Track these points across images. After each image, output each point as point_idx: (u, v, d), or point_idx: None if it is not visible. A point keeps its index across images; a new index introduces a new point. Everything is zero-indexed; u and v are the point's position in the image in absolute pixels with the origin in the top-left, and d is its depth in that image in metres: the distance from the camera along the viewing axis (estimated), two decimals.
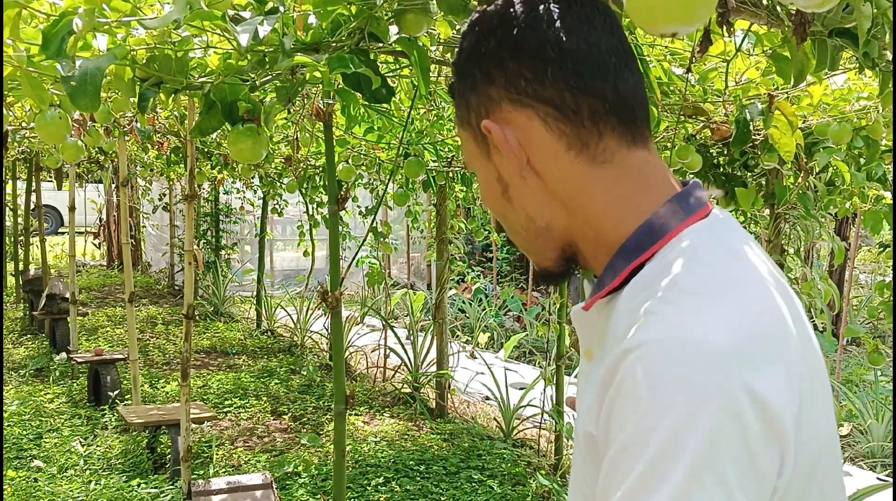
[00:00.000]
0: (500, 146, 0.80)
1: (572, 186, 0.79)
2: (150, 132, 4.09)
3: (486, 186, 0.85)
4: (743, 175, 3.16)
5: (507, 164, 0.81)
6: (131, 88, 1.48)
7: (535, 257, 0.86)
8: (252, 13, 1.37)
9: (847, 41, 1.39)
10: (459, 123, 0.86)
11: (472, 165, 0.86)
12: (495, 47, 0.79)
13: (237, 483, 3.22)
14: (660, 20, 0.56)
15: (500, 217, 0.86)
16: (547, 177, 0.80)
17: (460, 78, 0.84)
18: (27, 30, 1.42)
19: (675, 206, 0.76)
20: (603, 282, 0.78)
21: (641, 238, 0.75)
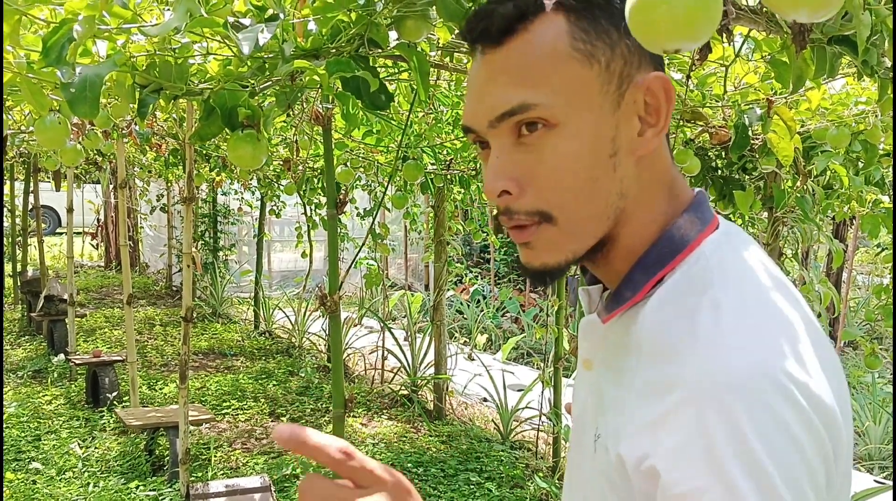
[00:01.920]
0: (655, 106, 0.71)
1: (646, 172, 0.73)
2: (148, 135, 4.09)
3: (590, 144, 0.69)
4: (741, 178, 3.17)
5: (631, 126, 0.71)
6: (131, 95, 1.48)
7: (575, 242, 0.72)
8: (252, 20, 1.38)
9: (846, 49, 1.39)
10: (579, 51, 0.69)
11: (575, 112, 0.69)
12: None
13: (235, 486, 3.22)
14: (663, 36, 0.56)
15: (583, 183, 0.70)
16: (651, 154, 0.73)
17: (606, 9, 0.70)
18: (27, 36, 1.42)
19: (693, 216, 0.73)
20: (622, 295, 0.73)
21: (663, 250, 0.71)
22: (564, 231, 0.71)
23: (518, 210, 0.71)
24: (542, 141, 0.69)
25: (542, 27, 0.70)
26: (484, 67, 0.72)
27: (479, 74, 0.73)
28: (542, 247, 0.72)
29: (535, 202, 0.70)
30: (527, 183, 0.70)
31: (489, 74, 0.71)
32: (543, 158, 0.70)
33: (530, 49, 0.69)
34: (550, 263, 0.73)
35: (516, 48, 0.70)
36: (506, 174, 0.71)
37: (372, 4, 1.43)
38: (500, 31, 0.70)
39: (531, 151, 0.70)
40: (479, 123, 0.72)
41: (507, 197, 0.71)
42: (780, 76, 1.74)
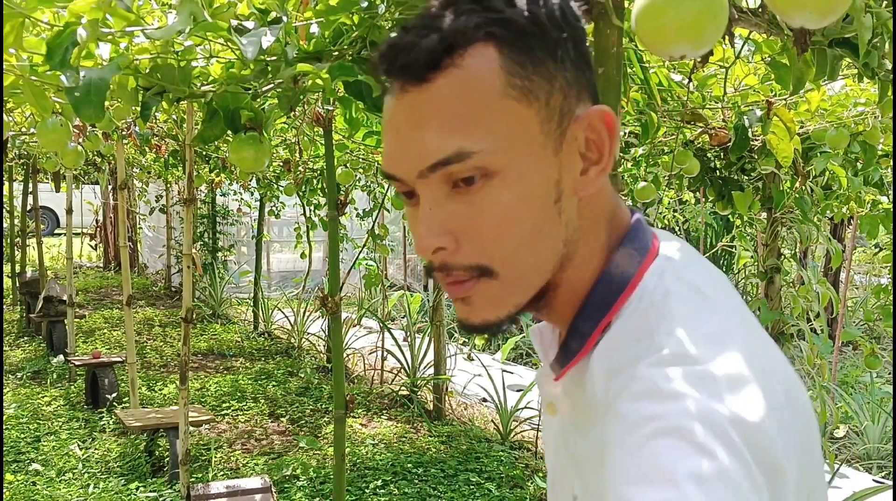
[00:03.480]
0: (597, 142, 0.66)
1: (588, 212, 0.69)
2: (148, 136, 4.09)
3: (533, 191, 0.63)
4: (740, 179, 3.18)
5: (573, 165, 0.65)
6: (134, 97, 1.49)
7: (517, 296, 0.67)
8: (255, 23, 1.38)
9: (847, 51, 1.40)
10: (515, 88, 0.62)
11: (516, 157, 0.62)
12: (582, 33, 0.67)
13: (236, 487, 3.22)
14: (670, 42, 0.56)
15: (527, 235, 0.64)
16: (592, 197, 0.68)
17: (542, 38, 0.63)
18: (29, 39, 1.42)
19: (631, 249, 0.68)
20: (570, 348, 0.69)
21: (604, 293, 0.67)
22: (506, 285, 0.65)
23: (455, 266, 0.65)
24: (480, 190, 0.62)
25: (472, 61, 0.61)
26: (408, 107, 0.63)
27: (402, 116, 0.63)
28: (481, 302, 0.66)
29: (474, 257, 0.64)
30: (464, 236, 0.64)
31: (416, 117, 0.62)
32: (483, 209, 0.63)
33: (461, 87, 0.61)
34: (490, 318, 0.67)
35: (445, 86, 0.61)
36: (441, 229, 0.63)
37: (374, 7, 1.43)
38: (425, 67, 0.61)
39: (468, 202, 0.63)
40: (406, 173, 0.64)
41: (442, 253, 0.64)
42: (781, 78, 1.75)
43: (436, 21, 0.62)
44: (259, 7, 1.41)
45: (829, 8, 0.60)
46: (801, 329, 3.07)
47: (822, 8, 0.60)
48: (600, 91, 1.37)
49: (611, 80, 1.37)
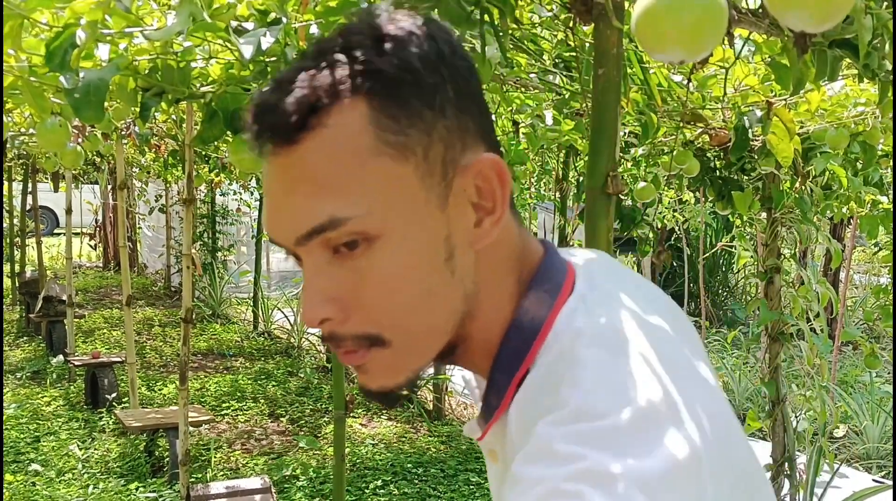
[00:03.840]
0: (488, 190, 0.62)
1: (489, 262, 0.65)
2: (147, 136, 4.09)
3: (420, 251, 0.60)
4: (740, 179, 3.18)
5: (465, 218, 0.61)
6: (133, 98, 1.49)
7: (414, 361, 0.63)
8: (255, 24, 1.38)
9: (847, 52, 1.40)
10: (389, 145, 0.58)
11: (396, 218, 0.59)
12: (467, 70, 0.62)
13: (236, 487, 3.22)
14: (668, 47, 0.56)
15: (418, 299, 0.60)
16: (493, 246, 0.64)
17: (416, 86, 0.59)
18: (29, 40, 1.42)
19: (540, 291, 0.64)
20: (490, 404, 0.65)
21: (516, 344, 0.63)
22: (400, 352, 0.62)
23: (344, 336, 0.61)
24: (363, 257, 0.59)
25: (341, 119, 0.57)
26: (279, 171, 0.59)
27: (274, 181, 0.60)
28: (376, 371, 0.63)
29: (362, 326, 0.60)
30: (351, 305, 0.60)
31: (287, 182, 0.59)
32: (367, 276, 0.59)
33: (330, 148, 0.57)
34: (388, 385, 0.64)
35: (313, 148, 0.57)
36: (326, 298, 0.60)
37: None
38: (292, 127, 0.57)
39: (352, 269, 0.59)
40: (283, 240, 0.61)
41: (329, 323, 0.61)
42: (781, 79, 1.75)
43: (302, 76, 0.58)
44: (259, 8, 1.40)
45: (829, 12, 0.60)
46: (800, 329, 3.07)
47: (822, 12, 0.60)
48: (600, 92, 1.37)
49: (611, 80, 1.37)
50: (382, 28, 0.59)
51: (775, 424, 3.12)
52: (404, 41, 0.58)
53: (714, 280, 9.13)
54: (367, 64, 0.57)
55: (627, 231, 3.89)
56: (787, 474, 3.07)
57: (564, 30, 1.79)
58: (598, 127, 1.38)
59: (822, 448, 3.26)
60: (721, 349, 7.14)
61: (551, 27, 1.98)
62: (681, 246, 7.58)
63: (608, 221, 1.40)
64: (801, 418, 3.47)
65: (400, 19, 0.60)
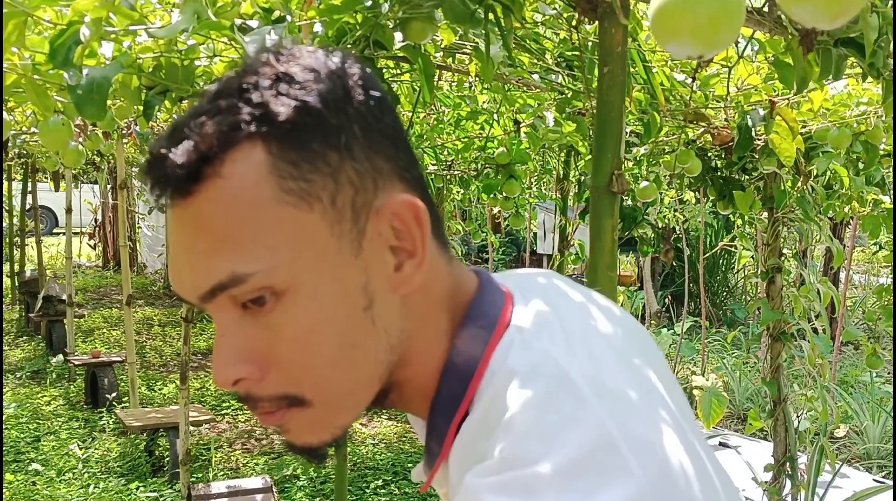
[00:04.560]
0: (406, 232, 0.58)
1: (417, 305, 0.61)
2: (148, 135, 4.09)
3: (334, 303, 0.56)
4: (741, 179, 3.18)
5: (384, 263, 0.58)
6: (137, 96, 1.48)
7: (340, 417, 0.60)
8: (259, 22, 1.38)
9: (852, 50, 1.40)
10: (291, 193, 0.54)
11: (304, 270, 0.54)
12: (378, 107, 0.58)
13: (237, 486, 3.21)
14: (684, 42, 0.56)
15: (336, 353, 0.56)
16: (420, 288, 0.60)
17: (317, 128, 0.55)
18: (31, 37, 1.41)
19: (474, 328, 0.60)
20: (432, 451, 0.62)
21: (451, 387, 0.59)
22: (323, 410, 0.58)
23: (261, 396, 0.57)
24: (273, 313, 0.55)
25: (236, 168, 0.53)
26: (178, 224, 0.55)
27: (174, 234, 0.56)
28: (298, 431, 0.59)
29: (280, 386, 0.56)
30: (267, 363, 0.56)
31: (185, 238, 0.55)
32: (280, 333, 0.55)
33: (228, 199, 0.53)
34: (314, 443, 0.59)
35: (208, 200, 0.53)
36: (238, 357, 0.56)
37: (378, 6, 1.43)
38: (184, 178, 0.53)
39: (264, 326, 0.55)
40: (188, 296, 0.57)
41: (244, 383, 0.57)
42: (784, 77, 1.74)
43: (193, 123, 0.54)
44: (263, 6, 1.40)
45: (842, 9, 0.59)
46: (801, 329, 3.07)
47: (835, 9, 0.59)
48: (605, 91, 1.37)
49: (616, 79, 1.37)
50: (281, 67, 0.55)
51: (777, 424, 3.12)
52: (305, 81, 0.55)
53: (714, 280, 9.14)
54: (262, 107, 0.54)
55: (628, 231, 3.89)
56: (789, 474, 3.07)
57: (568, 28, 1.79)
58: (603, 125, 1.38)
59: (824, 447, 3.26)
60: (721, 349, 7.14)
61: (554, 26, 1.97)
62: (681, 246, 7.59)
63: (613, 219, 1.40)
64: (802, 418, 3.47)
65: (302, 56, 0.56)
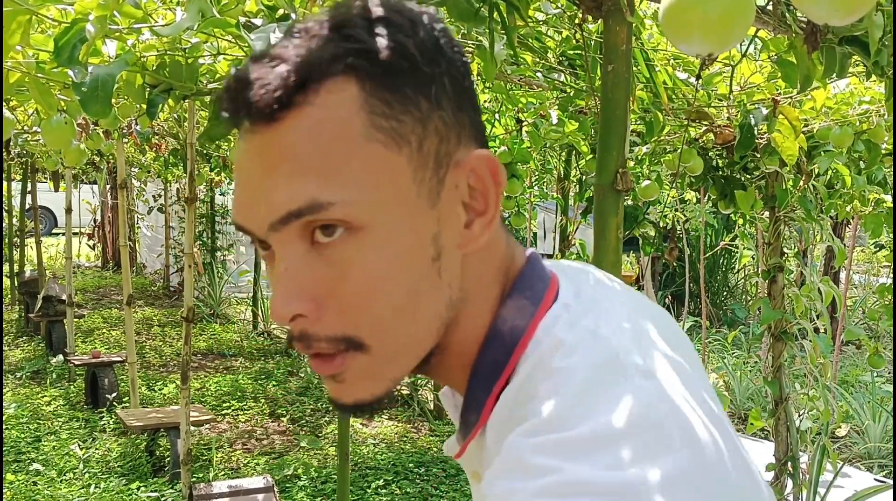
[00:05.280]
0: (482, 190, 0.58)
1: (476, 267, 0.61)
2: (149, 134, 4.09)
3: (407, 249, 0.55)
4: (742, 178, 3.18)
5: (455, 219, 0.57)
6: (141, 94, 1.48)
7: (394, 370, 0.59)
8: (263, 20, 1.38)
9: (856, 49, 1.40)
10: (382, 130, 0.54)
11: (384, 210, 0.54)
12: (464, 66, 0.59)
13: (239, 486, 3.21)
14: (695, 39, 0.56)
15: (402, 301, 0.55)
16: (482, 250, 0.60)
17: (412, 73, 0.54)
18: (36, 36, 1.41)
19: (521, 299, 0.60)
20: (468, 420, 0.62)
21: (495, 355, 0.59)
22: (380, 359, 0.57)
23: (318, 336, 0.56)
24: (344, 249, 0.54)
25: (330, 99, 0.53)
26: (256, 150, 0.54)
27: (250, 161, 0.55)
28: (353, 380, 0.58)
29: (339, 327, 0.55)
30: (327, 302, 0.55)
31: (264, 162, 0.54)
32: (347, 272, 0.54)
33: (318, 128, 0.53)
34: (365, 397, 0.58)
35: (297, 127, 0.53)
36: (299, 294, 0.54)
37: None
38: (274, 104, 0.52)
39: (331, 262, 0.54)
40: (255, 226, 0.55)
41: (301, 320, 0.55)
42: (787, 76, 1.74)
43: (287, 51, 0.53)
44: (267, 4, 1.40)
45: (855, 6, 0.59)
46: (802, 328, 3.07)
47: (847, 6, 0.59)
48: (610, 89, 1.37)
49: (620, 77, 1.37)
50: (377, 11, 0.55)
51: (778, 423, 3.12)
52: (401, 27, 0.55)
53: (714, 280, 9.14)
54: (361, 43, 0.53)
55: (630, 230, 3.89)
56: (791, 473, 3.07)
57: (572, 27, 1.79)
58: (608, 124, 1.38)
59: (825, 447, 3.26)
60: (721, 349, 7.14)
61: (557, 24, 1.97)
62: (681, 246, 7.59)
63: (618, 217, 1.40)
64: (803, 417, 3.47)
65: (396, 5, 0.56)
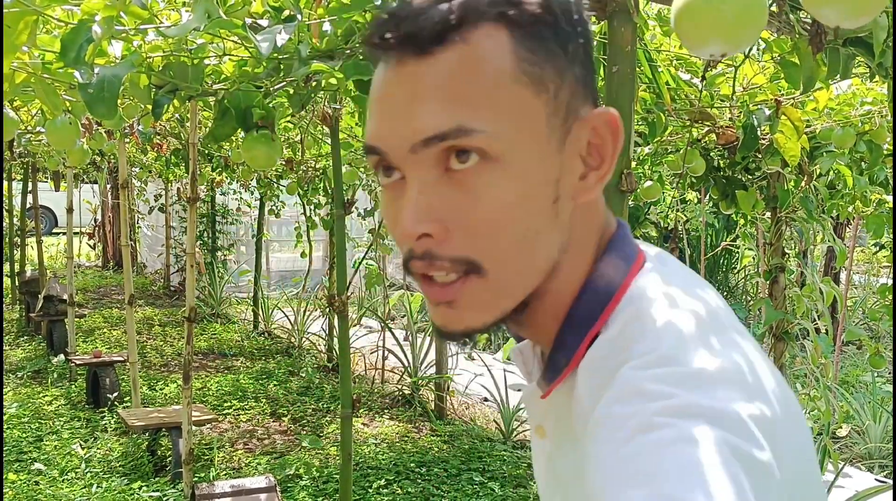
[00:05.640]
0: (600, 147, 0.63)
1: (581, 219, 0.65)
2: (151, 134, 4.09)
3: (534, 186, 0.59)
4: (744, 178, 3.19)
5: (574, 169, 0.62)
6: (147, 95, 1.49)
7: (506, 299, 0.62)
8: (269, 21, 1.38)
9: (861, 50, 1.40)
10: (526, 75, 0.59)
11: (521, 146, 0.58)
12: (590, 34, 0.65)
13: (241, 486, 3.21)
14: (708, 40, 0.56)
15: (523, 233, 0.59)
16: (589, 204, 0.65)
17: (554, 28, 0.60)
18: (41, 36, 1.42)
19: (615, 258, 0.65)
20: (557, 363, 0.65)
21: (589, 306, 0.63)
22: (494, 286, 0.60)
23: (441, 256, 0.59)
24: (477, 177, 0.58)
25: (482, 40, 0.58)
26: (406, 79, 0.58)
27: (398, 88, 0.59)
28: (467, 305, 0.61)
29: (463, 249, 0.59)
30: (454, 226, 0.59)
31: (415, 89, 0.58)
32: (479, 198, 0.58)
33: (469, 64, 0.57)
34: (476, 325, 0.62)
35: (451, 60, 0.57)
36: (430, 215, 0.58)
37: (387, 4, 1.43)
38: (431, 39, 0.57)
39: (463, 189, 0.58)
40: (395, 147, 0.59)
41: (427, 240, 0.59)
42: (790, 77, 1.75)
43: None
44: (273, 5, 1.40)
45: (867, 9, 0.60)
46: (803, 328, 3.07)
47: (858, 8, 0.60)
48: (614, 90, 1.37)
49: (625, 78, 1.37)
50: None
51: None
52: None
53: (715, 280, 9.14)
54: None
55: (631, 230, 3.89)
56: None
57: None
58: None
59: (826, 447, 3.26)
60: None
61: None
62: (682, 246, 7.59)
63: (622, 217, 1.40)
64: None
65: None
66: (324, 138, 3.84)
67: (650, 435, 0.50)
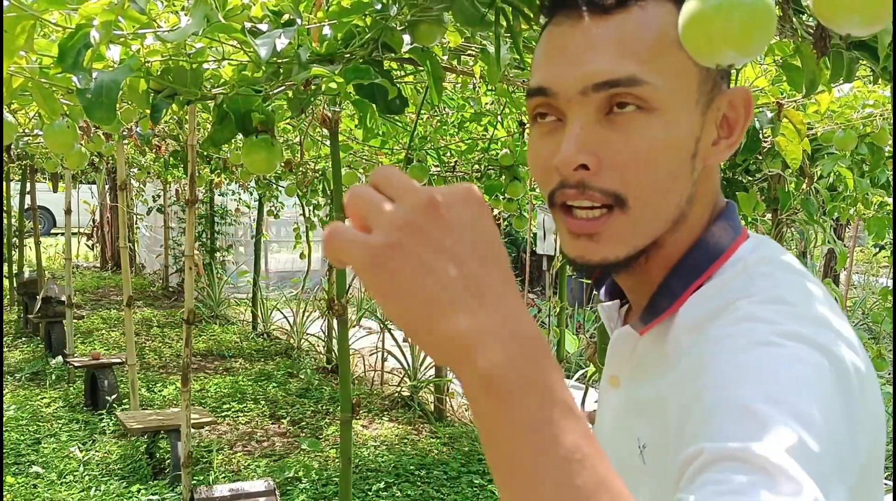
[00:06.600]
0: (733, 119, 0.72)
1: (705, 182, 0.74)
2: (149, 136, 4.08)
3: (680, 138, 0.67)
4: (744, 180, 3.18)
5: (710, 133, 0.70)
6: (145, 100, 1.47)
7: (641, 237, 0.69)
8: (269, 25, 1.37)
9: (864, 54, 1.39)
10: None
11: (676, 102, 0.67)
12: None
13: (240, 489, 3.20)
14: (717, 50, 0.55)
15: (665, 177, 0.67)
16: (712, 169, 0.74)
17: None
18: (39, 41, 1.40)
19: (726, 224, 0.73)
20: (658, 306, 0.72)
21: (699, 259, 0.71)
22: (633, 222, 0.68)
23: (593, 187, 0.67)
24: (634, 122, 0.66)
25: (656, 9, 0.67)
26: (584, 32, 0.67)
27: (575, 39, 0.68)
28: (608, 238, 0.68)
29: (613, 183, 0.67)
30: (608, 162, 0.67)
31: (593, 41, 0.67)
32: (632, 140, 0.66)
33: (644, 25, 0.67)
34: (611, 257, 0.69)
35: (628, 21, 0.67)
36: (588, 148, 0.66)
37: (387, 9, 1.42)
38: (616, 2, 0.67)
39: (619, 130, 0.66)
40: (567, 88, 0.67)
41: (582, 172, 0.67)
42: (793, 80, 1.74)
43: None
44: (272, 9, 1.39)
45: (878, 16, 0.59)
46: None
47: (871, 16, 0.59)
48: None
49: None
50: None
51: None
52: None
53: None
54: None
55: None
56: None
57: None
58: None
59: None
60: None
61: None
62: None
63: None
64: None
65: None
66: (323, 141, 3.83)
67: (767, 349, 0.58)
